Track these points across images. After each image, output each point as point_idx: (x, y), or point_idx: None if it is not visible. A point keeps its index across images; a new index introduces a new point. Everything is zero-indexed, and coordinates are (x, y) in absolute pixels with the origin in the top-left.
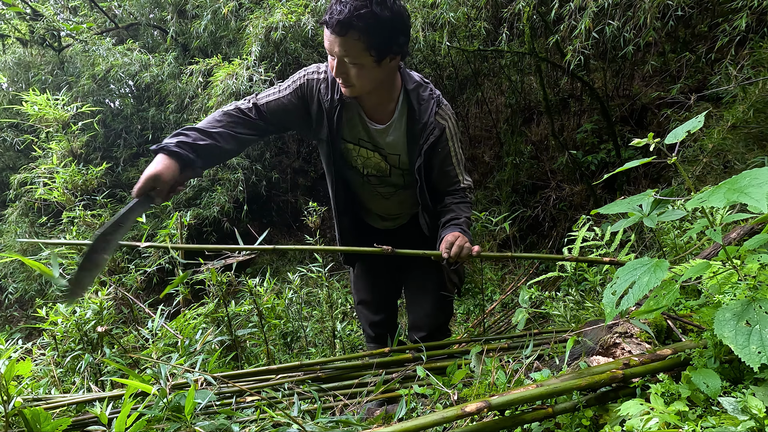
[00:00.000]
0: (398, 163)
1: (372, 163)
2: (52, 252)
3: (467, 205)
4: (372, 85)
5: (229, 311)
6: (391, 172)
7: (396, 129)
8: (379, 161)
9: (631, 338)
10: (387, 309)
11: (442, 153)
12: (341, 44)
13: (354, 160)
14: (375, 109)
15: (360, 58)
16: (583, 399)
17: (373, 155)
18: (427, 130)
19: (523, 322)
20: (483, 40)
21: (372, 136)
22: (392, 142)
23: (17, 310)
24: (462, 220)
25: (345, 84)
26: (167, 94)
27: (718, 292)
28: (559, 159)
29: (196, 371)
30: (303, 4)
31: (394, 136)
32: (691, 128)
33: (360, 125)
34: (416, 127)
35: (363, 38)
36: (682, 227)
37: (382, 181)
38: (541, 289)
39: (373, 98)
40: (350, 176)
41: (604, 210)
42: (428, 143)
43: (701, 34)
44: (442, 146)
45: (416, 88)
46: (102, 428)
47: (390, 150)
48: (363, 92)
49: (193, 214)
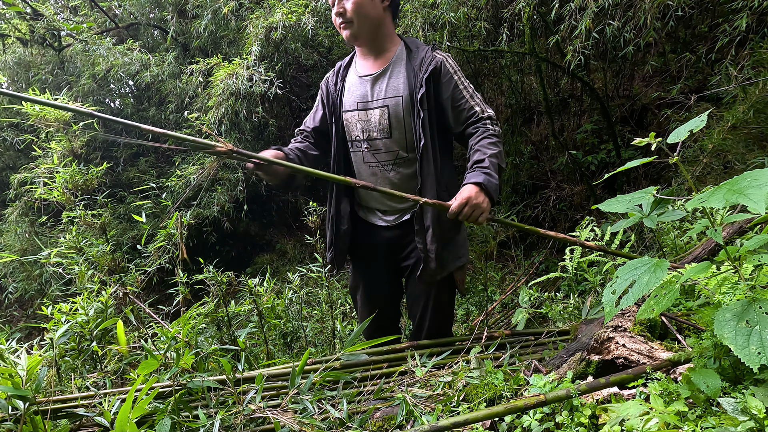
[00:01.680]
0: (399, 109)
1: (372, 122)
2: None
3: (492, 140)
4: (368, 23)
5: (229, 311)
6: (391, 127)
7: (395, 70)
8: (379, 117)
9: (624, 332)
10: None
11: (448, 85)
12: None
13: (355, 127)
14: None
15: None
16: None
17: (372, 113)
18: (425, 63)
19: (524, 322)
20: (483, 40)
21: (369, 89)
22: (391, 85)
23: (17, 310)
24: (486, 163)
25: (344, 22)
26: (167, 93)
27: (718, 292)
28: (559, 159)
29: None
30: (303, 4)
31: (390, 79)
32: (694, 128)
33: (359, 87)
34: (414, 65)
35: None
36: (682, 227)
37: (384, 145)
38: (541, 289)
39: (372, 47)
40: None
41: (605, 206)
42: (427, 72)
43: (701, 34)
44: (446, 78)
45: (414, 41)
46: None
47: (389, 93)
48: (362, 30)
49: (193, 213)
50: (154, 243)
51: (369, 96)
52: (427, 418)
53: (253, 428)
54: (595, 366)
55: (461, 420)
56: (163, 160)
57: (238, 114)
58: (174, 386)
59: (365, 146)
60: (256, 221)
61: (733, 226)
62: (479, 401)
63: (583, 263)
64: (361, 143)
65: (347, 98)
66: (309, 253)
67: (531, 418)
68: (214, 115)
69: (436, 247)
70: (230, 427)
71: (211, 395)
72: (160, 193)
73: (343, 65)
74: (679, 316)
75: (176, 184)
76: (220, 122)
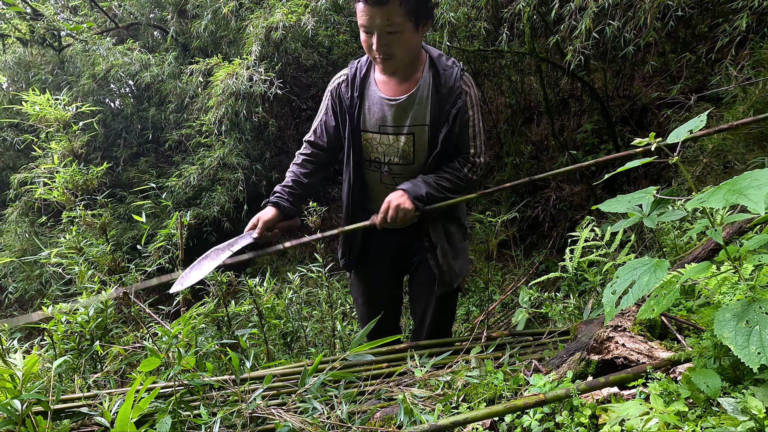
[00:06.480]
0: (425, 138)
1: (395, 149)
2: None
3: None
4: (411, 55)
5: (229, 311)
6: (415, 155)
7: (421, 97)
8: (403, 144)
9: (624, 332)
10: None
11: (464, 120)
12: (383, 14)
13: (374, 150)
14: (398, 86)
15: (402, 25)
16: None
17: (396, 140)
18: (454, 95)
19: (524, 323)
20: (483, 40)
21: (395, 114)
22: (417, 113)
23: (17, 310)
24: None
25: (386, 57)
26: (167, 93)
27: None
28: (559, 159)
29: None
30: (303, 4)
31: (417, 106)
32: (694, 128)
33: (381, 109)
34: (443, 92)
35: (404, 3)
36: (682, 228)
37: (404, 171)
38: (541, 290)
39: (401, 73)
40: (368, 174)
41: (605, 206)
42: (456, 107)
43: (701, 34)
44: (465, 114)
45: (439, 57)
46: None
47: (414, 122)
48: (402, 63)
49: (193, 213)
50: (154, 243)
51: (393, 121)
52: (427, 418)
53: (253, 428)
54: (594, 366)
55: (461, 419)
56: (163, 160)
57: (238, 114)
58: (175, 386)
59: (385, 169)
60: None
61: (733, 226)
62: (479, 401)
63: (583, 263)
64: (380, 165)
65: (368, 118)
66: (309, 253)
67: (531, 418)
68: (214, 115)
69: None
70: (231, 427)
71: (213, 394)
72: (160, 193)
73: (359, 75)
74: (679, 316)
75: (176, 184)
76: (220, 122)
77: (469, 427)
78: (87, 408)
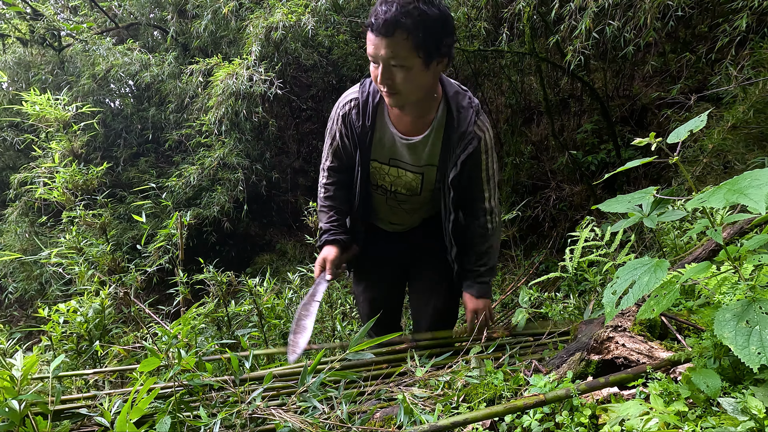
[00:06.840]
0: (433, 176)
1: (403, 182)
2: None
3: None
4: (418, 93)
5: (229, 311)
6: (422, 189)
7: (433, 139)
8: (411, 180)
9: (624, 332)
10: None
11: (476, 165)
12: (387, 45)
13: (382, 178)
14: (413, 123)
15: (408, 60)
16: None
17: (404, 174)
18: (465, 140)
19: (524, 323)
20: (483, 40)
21: (407, 153)
22: (428, 153)
23: (17, 310)
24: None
25: (390, 92)
26: (167, 93)
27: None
28: (559, 159)
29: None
30: (303, 4)
31: (430, 147)
32: (694, 128)
33: (393, 144)
34: (453, 136)
35: (411, 37)
36: (682, 228)
37: (409, 199)
38: (541, 290)
39: (414, 110)
40: (375, 194)
41: (605, 206)
42: (465, 153)
43: (701, 34)
44: (477, 160)
45: (456, 95)
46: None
47: (425, 161)
48: (409, 100)
49: (193, 213)
50: (154, 243)
51: (404, 157)
52: (427, 418)
53: (253, 429)
54: (594, 366)
55: (461, 419)
56: (163, 160)
57: (238, 114)
58: (174, 386)
59: (391, 196)
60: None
61: (734, 226)
62: (479, 401)
63: (583, 263)
64: (386, 192)
65: (378, 148)
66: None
67: (531, 418)
68: (214, 115)
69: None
70: (231, 427)
71: (213, 395)
72: (160, 193)
73: (371, 102)
74: (679, 317)
75: (176, 184)
76: (220, 122)
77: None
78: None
